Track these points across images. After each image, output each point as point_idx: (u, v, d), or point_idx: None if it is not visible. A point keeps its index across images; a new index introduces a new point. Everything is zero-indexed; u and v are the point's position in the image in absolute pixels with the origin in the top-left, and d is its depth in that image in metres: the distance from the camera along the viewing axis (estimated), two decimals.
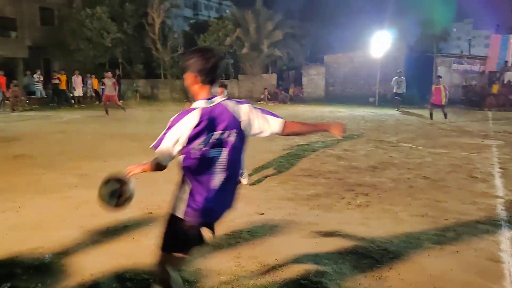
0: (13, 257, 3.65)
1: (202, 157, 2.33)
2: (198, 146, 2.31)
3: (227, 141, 2.37)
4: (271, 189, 5.99)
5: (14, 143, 9.85)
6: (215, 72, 2.37)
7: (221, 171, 2.39)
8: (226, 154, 2.37)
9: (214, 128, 2.33)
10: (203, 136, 2.31)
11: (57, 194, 5.65)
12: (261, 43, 26.22)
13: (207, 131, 2.31)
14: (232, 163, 2.41)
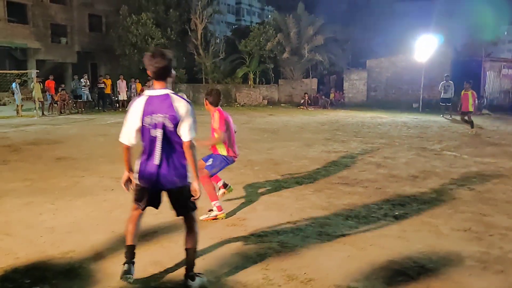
0: (45, 260, 3.72)
1: (147, 134, 3.05)
2: (146, 125, 3.02)
3: (164, 124, 3.00)
4: (305, 197, 5.84)
5: (58, 146, 10.20)
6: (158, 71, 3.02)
7: (159, 148, 3.06)
8: (161, 134, 3.02)
9: (155, 112, 3.00)
10: (148, 117, 3.01)
11: (94, 197, 5.76)
12: (302, 48, 26.02)
13: (150, 113, 3.00)
14: (168, 143, 3.06)
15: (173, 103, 3.00)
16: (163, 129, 3.02)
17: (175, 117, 3.00)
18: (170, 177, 3.10)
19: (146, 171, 3.11)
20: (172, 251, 3.90)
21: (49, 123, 15.53)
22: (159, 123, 3.01)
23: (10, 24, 26.50)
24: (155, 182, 3.12)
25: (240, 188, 6.28)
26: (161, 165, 3.08)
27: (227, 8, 69.67)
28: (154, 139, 3.05)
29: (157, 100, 3.02)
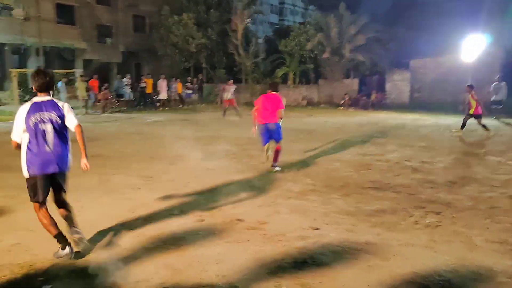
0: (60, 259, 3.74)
1: (35, 129, 3.71)
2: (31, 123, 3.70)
3: (51, 120, 3.75)
4: (332, 202, 5.63)
5: (95, 143, 10.45)
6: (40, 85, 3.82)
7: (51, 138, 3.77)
8: (50, 128, 3.75)
9: (41, 110, 3.75)
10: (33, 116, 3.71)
11: (120, 195, 5.81)
12: (343, 48, 25.52)
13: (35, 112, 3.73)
14: (54, 136, 3.77)
15: (58, 104, 3.83)
16: (52, 123, 3.75)
17: (62, 114, 3.80)
18: (59, 162, 3.80)
19: (38, 159, 3.72)
20: (187, 254, 3.83)
21: (91, 121, 16.01)
22: (48, 119, 3.74)
23: (59, 26, 27.61)
24: (46, 167, 3.74)
25: (265, 190, 6.16)
26: (53, 152, 3.76)
27: (270, 8, 69.72)
28: (43, 131, 3.73)
29: (43, 104, 3.79)
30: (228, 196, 5.83)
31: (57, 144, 3.78)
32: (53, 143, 3.76)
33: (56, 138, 3.78)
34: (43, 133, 3.72)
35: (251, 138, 11.59)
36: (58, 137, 3.80)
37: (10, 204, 5.35)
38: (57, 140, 3.78)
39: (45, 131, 3.73)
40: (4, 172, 7.15)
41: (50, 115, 3.76)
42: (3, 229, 4.48)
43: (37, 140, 3.71)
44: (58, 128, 3.80)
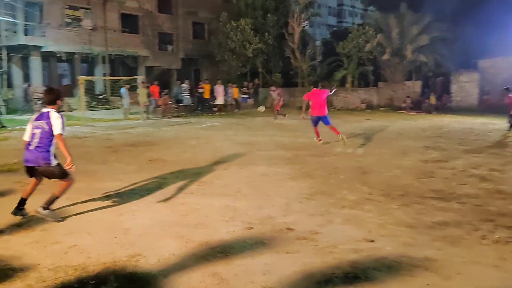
0: (112, 262, 3.80)
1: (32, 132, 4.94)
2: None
3: (41, 126, 4.88)
4: (389, 212, 5.33)
5: (153, 147, 10.74)
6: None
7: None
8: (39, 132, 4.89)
9: (38, 119, 4.95)
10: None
11: (173, 200, 5.86)
12: (404, 49, 24.59)
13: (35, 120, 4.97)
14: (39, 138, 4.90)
15: (49, 115, 4.91)
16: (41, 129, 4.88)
17: (49, 122, 4.86)
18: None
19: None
20: (233, 263, 3.75)
21: (151, 126, 16.53)
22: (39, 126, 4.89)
23: (123, 34, 28.91)
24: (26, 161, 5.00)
25: (319, 198, 5.96)
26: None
27: (328, 10, 68.97)
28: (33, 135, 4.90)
29: (43, 114, 4.97)
30: (280, 203, 5.70)
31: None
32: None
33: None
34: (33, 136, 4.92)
35: (305, 143, 11.42)
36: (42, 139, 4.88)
37: (72, 208, 5.55)
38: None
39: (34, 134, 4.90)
40: None
41: (42, 123, 4.88)
42: (64, 231, 4.64)
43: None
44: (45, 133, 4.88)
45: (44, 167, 4.93)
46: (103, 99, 26.15)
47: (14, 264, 3.75)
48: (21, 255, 3.95)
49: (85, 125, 16.53)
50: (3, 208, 5.47)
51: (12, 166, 8.21)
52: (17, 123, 16.77)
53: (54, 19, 25.20)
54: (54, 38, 25.08)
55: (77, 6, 26.29)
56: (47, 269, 3.66)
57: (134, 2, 29.34)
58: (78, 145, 11.33)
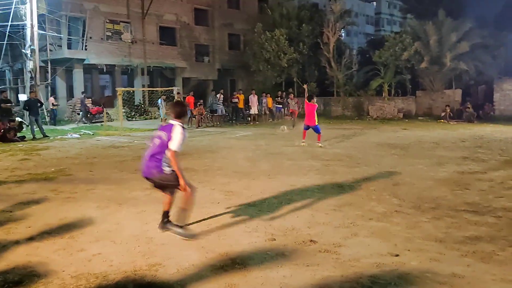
0: (132, 271, 3.85)
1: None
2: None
3: (161, 137, 4.71)
4: (418, 225, 5.15)
5: (185, 157, 10.86)
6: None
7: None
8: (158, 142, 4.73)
9: (162, 129, 4.83)
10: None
11: (199, 210, 5.87)
12: (443, 56, 23.89)
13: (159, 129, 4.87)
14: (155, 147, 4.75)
15: (173, 128, 4.68)
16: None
17: (170, 136, 4.64)
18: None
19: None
20: (251, 275, 3.71)
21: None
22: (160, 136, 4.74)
23: (161, 46, 29.67)
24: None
25: (347, 210, 5.84)
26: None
27: (366, 19, 68.15)
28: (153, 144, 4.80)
29: (168, 126, 4.78)
30: (305, 214, 5.63)
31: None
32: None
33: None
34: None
35: (336, 153, 11.26)
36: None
37: (100, 215, 5.69)
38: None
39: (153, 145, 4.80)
40: (102, 184, 7.68)
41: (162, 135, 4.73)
42: (89, 239, 4.75)
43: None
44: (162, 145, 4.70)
45: (158, 176, 4.73)
46: (141, 109, 26.84)
47: (39, 270, 3.87)
48: (47, 262, 4.08)
49: (123, 135, 16.99)
50: (37, 216, 5.68)
51: (49, 175, 8.55)
52: (59, 133, 17.47)
53: (95, 33, 26.22)
54: (96, 51, 26.07)
55: (117, 20, 27.24)
56: (70, 276, 3.76)
57: (171, 16, 30.10)
58: (114, 154, 11.66)
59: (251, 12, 34.55)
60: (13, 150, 12.66)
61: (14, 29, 21.62)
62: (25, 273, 3.81)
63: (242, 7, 34.70)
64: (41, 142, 14.83)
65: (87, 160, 10.68)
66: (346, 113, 26.88)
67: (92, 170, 9.21)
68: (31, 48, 20.42)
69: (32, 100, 16.61)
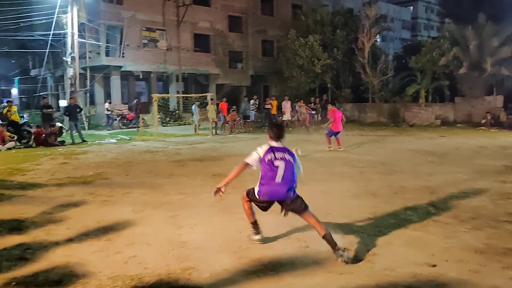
0: (166, 274, 3.90)
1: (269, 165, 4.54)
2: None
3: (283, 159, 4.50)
4: (456, 235, 4.98)
5: (218, 162, 10.98)
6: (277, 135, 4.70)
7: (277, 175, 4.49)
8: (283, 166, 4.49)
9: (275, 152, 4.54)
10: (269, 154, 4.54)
11: (231, 215, 5.93)
12: (484, 62, 23.17)
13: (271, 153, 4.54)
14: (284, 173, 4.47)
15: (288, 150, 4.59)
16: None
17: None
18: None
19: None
20: (284, 281, 3.69)
21: (219, 141, 16.95)
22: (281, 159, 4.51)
23: (196, 54, 30.17)
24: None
25: (381, 218, 5.72)
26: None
27: (402, 23, 66.95)
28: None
29: (279, 149, 4.58)
30: (340, 222, 5.55)
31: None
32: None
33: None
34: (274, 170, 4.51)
35: (371, 160, 11.07)
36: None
37: (136, 219, 5.80)
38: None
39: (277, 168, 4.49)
40: (138, 188, 7.84)
41: (284, 156, 4.50)
42: (125, 242, 4.85)
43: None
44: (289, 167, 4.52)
45: (292, 198, 4.49)
46: (176, 115, 27.31)
47: (78, 271, 3.98)
48: (85, 263, 4.19)
49: (157, 140, 17.33)
50: (76, 218, 5.86)
51: (87, 178, 8.81)
52: (97, 138, 18.00)
53: (132, 41, 26.94)
54: (133, 59, 26.78)
55: (154, 28, 27.91)
56: (107, 277, 3.85)
57: (206, 23, 30.58)
58: (149, 159, 11.89)
59: (285, 18, 34.63)
60: (54, 154, 13.14)
61: (55, 38, 22.54)
62: (64, 273, 3.93)
63: (275, 14, 34.84)
64: (80, 146, 15.33)
65: (123, 164, 10.95)
66: (381, 120, 26.43)
67: (128, 174, 9.42)
68: (71, 55, 21.23)
69: (71, 106, 17.22)
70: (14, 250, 4.58)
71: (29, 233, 5.19)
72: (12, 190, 7.75)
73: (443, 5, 36.09)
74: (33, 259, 4.32)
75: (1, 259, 4.32)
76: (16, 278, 3.82)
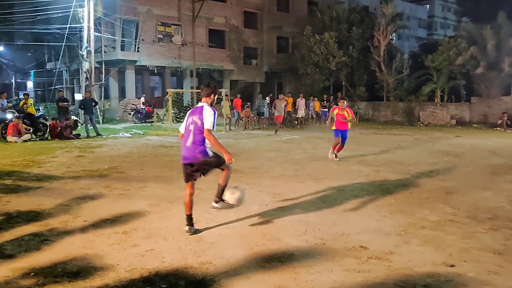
0: (183, 268, 3.92)
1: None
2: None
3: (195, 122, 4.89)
4: (474, 236, 4.92)
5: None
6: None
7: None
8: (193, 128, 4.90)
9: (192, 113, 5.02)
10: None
11: (247, 211, 5.91)
12: (501, 61, 22.83)
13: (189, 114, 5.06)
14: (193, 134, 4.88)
15: (202, 109, 4.92)
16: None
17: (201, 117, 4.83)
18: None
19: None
20: (301, 278, 3.69)
21: (233, 137, 16.98)
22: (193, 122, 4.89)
23: (210, 49, 30.19)
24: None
25: (397, 217, 5.68)
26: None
27: (418, 22, 66.15)
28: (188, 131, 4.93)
29: (197, 108, 5.02)
30: (355, 220, 5.53)
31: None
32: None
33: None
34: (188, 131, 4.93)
35: (386, 159, 10.99)
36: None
37: (152, 212, 5.85)
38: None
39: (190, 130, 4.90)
40: (153, 182, 7.89)
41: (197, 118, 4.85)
42: (143, 235, 4.89)
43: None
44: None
45: (202, 161, 4.86)
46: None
47: (96, 263, 4.02)
48: (103, 255, 4.23)
49: (172, 135, 17.40)
50: (92, 210, 5.92)
51: (103, 172, 8.89)
52: (112, 132, 18.15)
53: (147, 36, 27.07)
54: (147, 53, 26.91)
55: (169, 23, 27.98)
56: (124, 270, 3.88)
57: (221, 18, 30.57)
58: (163, 154, 11.96)
59: (300, 15, 34.47)
60: (69, 147, 13.28)
61: (72, 31, 22.71)
62: (82, 265, 3.98)
63: (291, 10, 34.68)
64: (95, 140, 15.47)
65: (138, 158, 11.03)
66: (395, 119, 26.22)
67: (143, 169, 9.49)
68: (87, 49, 21.41)
69: (87, 99, 17.37)
70: (32, 240, 4.65)
71: (46, 224, 5.25)
72: (29, 182, 7.86)
73: (460, 4, 35.53)
74: (51, 250, 4.38)
75: (19, 249, 4.38)
76: (35, 268, 3.87)
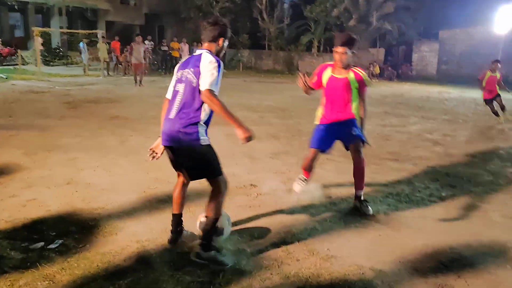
0: (73, 215, 3.81)
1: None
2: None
3: (187, 79, 2.95)
4: (347, 170, 5.54)
5: (115, 105, 10.53)
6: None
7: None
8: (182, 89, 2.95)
9: (183, 67, 3.06)
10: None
11: (136, 157, 5.83)
12: (370, 16, 24.78)
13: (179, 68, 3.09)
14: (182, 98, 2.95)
15: (200, 58, 2.96)
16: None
17: (198, 72, 2.90)
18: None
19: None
20: (196, 215, 3.85)
21: (112, 83, 16.10)
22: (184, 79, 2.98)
23: None
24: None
25: (283, 158, 6.10)
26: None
27: None
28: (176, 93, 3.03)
29: (192, 58, 3.08)
30: (244, 162, 5.80)
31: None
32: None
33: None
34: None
35: (270, 106, 11.50)
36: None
37: (29, 162, 5.43)
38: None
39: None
40: (26, 130, 7.25)
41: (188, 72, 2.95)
42: (21, 185, 4.55)
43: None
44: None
45: (185, 147, 2.99)
46: (59, 53, 24.97)
47: None
48: None
49: (41, 79, 15.87)
50: None
51: None
52: None
53: None
54: None
55: None
56: (4, 221, 3.62)
57: None
58: (34, 99, 10.96)
59: None
60: None
61: None
62: None
63: None
64: None
65: (4, 105, 9.94)
66: (276, 68, 27.17)
67: (11, 116, 8.61)
68: None
69: None
70: None
71: None
72: None
73: None
74: None
75: None
76: None
